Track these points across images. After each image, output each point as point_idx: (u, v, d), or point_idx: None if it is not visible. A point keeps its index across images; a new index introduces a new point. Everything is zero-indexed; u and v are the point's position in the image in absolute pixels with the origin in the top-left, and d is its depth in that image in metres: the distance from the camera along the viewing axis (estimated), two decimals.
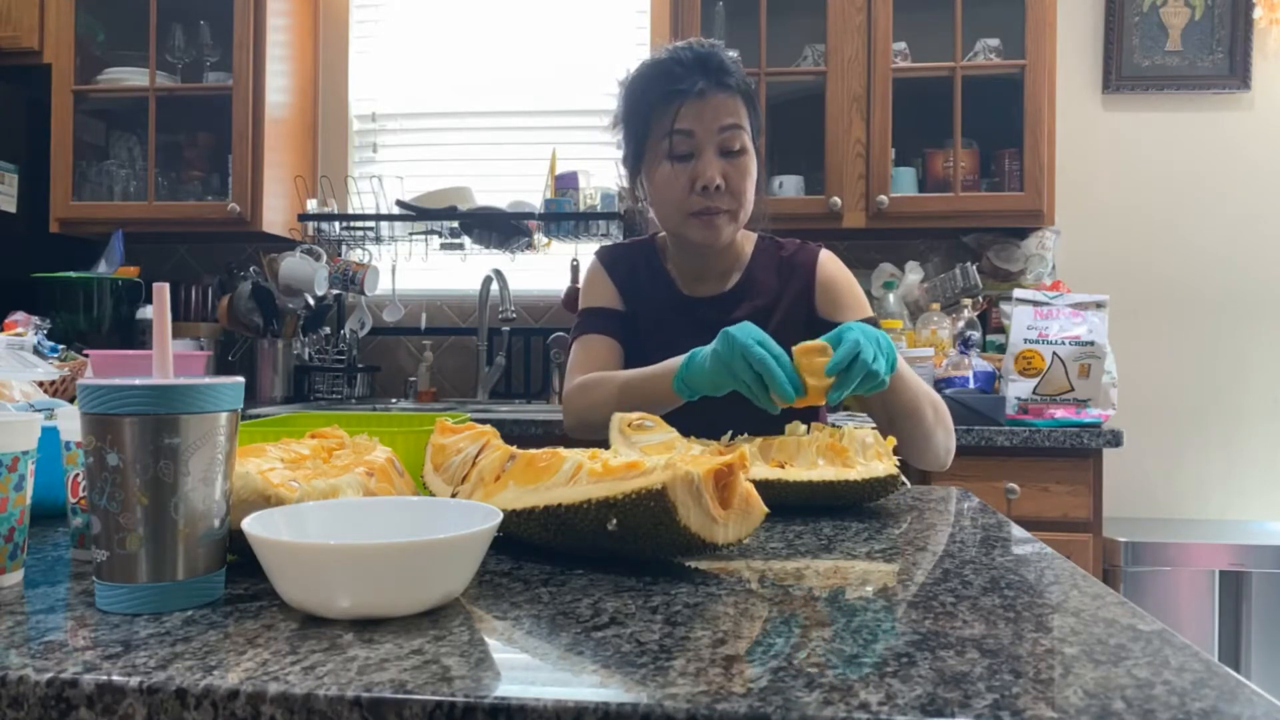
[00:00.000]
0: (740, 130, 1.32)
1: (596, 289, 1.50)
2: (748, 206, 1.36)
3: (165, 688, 0.48)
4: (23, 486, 0.69)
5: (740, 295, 1.44)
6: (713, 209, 1.33)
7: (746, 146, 1.33)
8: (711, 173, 1.30)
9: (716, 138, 1.31)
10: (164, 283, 0.69)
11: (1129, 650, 0.55)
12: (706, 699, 0.46)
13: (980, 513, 1.04)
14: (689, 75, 1.30)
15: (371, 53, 3.14)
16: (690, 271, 1.46)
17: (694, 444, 1.01)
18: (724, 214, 1.34)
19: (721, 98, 1.31)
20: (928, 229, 2.69)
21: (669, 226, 1.40)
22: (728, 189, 1.32)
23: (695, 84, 1.30)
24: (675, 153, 1.32)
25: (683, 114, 1.30)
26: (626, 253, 1.52)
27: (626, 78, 1.40)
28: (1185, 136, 2.82)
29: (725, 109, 1.31)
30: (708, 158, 1.31)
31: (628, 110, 1.38)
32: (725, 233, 1.35)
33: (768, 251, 1.47)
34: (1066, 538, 2.14)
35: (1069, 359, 2.23)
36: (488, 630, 0.58)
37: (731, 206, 1.34)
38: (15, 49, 2.78)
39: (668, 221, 1.39)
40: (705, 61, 1.32)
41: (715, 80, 1.31)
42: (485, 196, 2.84)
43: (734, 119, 1.32)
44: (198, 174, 2.95)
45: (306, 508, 0.69)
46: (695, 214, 1.33)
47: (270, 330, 2.83)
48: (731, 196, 1.33)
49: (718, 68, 1.32)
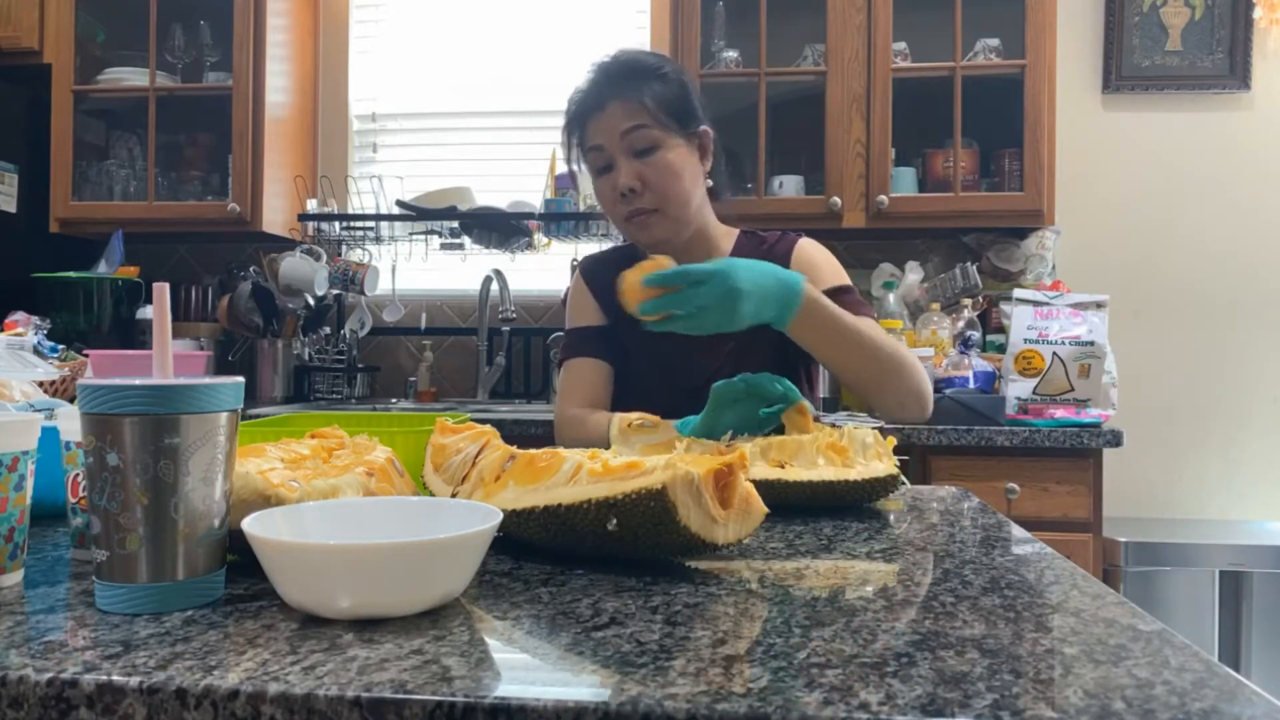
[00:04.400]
0: (644, 129, 1.33)
1: (579, 306, 1.52)
2: (679, 199, 1.36)
3: (165, 688, 0.48)
4: (23, 486, 0.69)
5: None
6: (638, 211, 1.35)
7: (658, 142, 1.34)
8: (623, 179, 1.34)
9: (622, 144, 1.34)
10: (164, 283, 0.69)
11: (1129, 650, 0.55)
12: (706, 699, 0.46)
13: (980, 513, 1.04)
14: (594, 90, 1.36)
15: (371, 53, 3.14)
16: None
17: (694, 444, 1.01)
18: (651, 213, 1.36)
19: (620, 104, 1.33)
20: (928, 229, 2.69)
21: (621, 233, 1.45)
22: (647, 188, 1.34)
23: (597, 98, 1.35)
24: (596, 167, 1.38)
25: (590, 131, 1.36)
26: (607, 262, 1.53)
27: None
28: (1185, 136, 2.82)
29: (624, 114, 1.33)
30: (620, 164, 1.35)
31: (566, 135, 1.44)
32: (658, 230, 1.37)
33: (748, 246, 1.47)
34: (1066, 538, 2.14)
35: (1069, 359, 2.23)
36: (488, 630, 0.58)
37: (656, 204, 1.35)
38: (15, 49, 2.78)
39: (618, 229, 1.44)
40: (608, 72, 1.36)
41: (613, 89, 1.34)
42: (485, 196, 2.84)
43: (634, 121, 1.33)
44: (198, 174, 2.95)
45: (306, 508, 0.69)
46: (626, 220, 1.37)
47: (270, 330, 2.83)
48: (653, 194, 1.35)
49: (618, 74, 1.35)
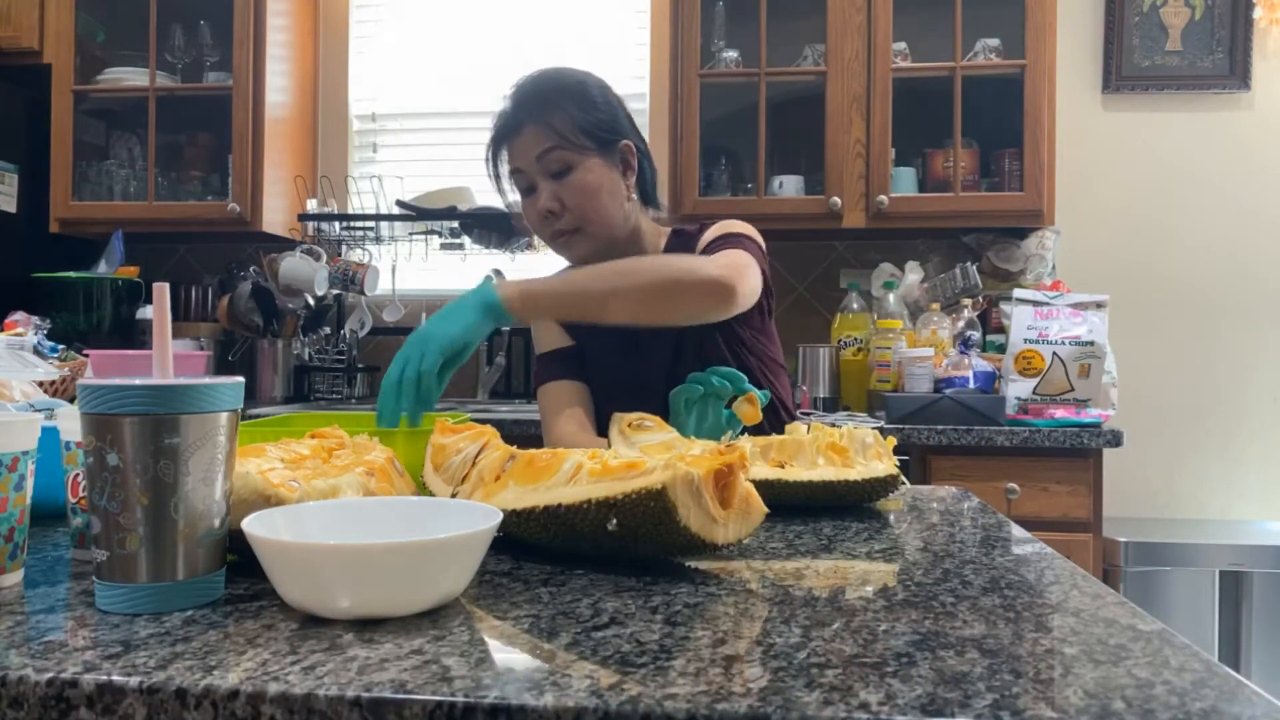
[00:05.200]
0: (558, 150, 1.35)
1: (544, 332, 1.55)
2: (598, 217, 1.38)
3: (165, 688, 0.48)
4: (23, 486, 0.69)
5: None
6: (559, 231, 1.38)
7: (572, 164, 1.36)
8: (542, 203, 1.37)
9: (538, 167, 1.36)
10: (164, 283, 0.69)
11: (1129, 650, 0.55)
12: (706, 699, 0.46)
13: (980, 513, 1.04)
14: (510, 114, 1.38)
15: (371, 53, 3.14)
16: None
17: (694, 444, 1.01)
18: (572, 233, 1.39)
19: (533, 129, 1.35)
20: (928, 229, 2.69)
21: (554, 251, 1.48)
22: (566, 209, 1.37)
23: (513, 122, 1.37)
24: (520, 189, 1.40)
25: (510, 154, 1.39)
26: None
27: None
28: (1185, 136, 2.82)
29: (536, 139, 1.35)
30: (540, 188, 1.37)
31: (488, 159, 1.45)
32: (582, 248, 1.40)
33: (677, 244, 1.49)
34: (1066, 538, 2.14)
35: (1069, 359, 2.23)
36: (488, 630, 0.58)
37: (575, 224, 1.38)
38: (15, 49, 2.77)
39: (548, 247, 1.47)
40: (521, 97, 1.38)
41: (527, 113, 1.36)
42: (485, 196, 2.83)
43: (546, 144, 1.35)
44: (198, 174, 2.95)
45: (306, 508, 0.69)
46: (552, 239, 1.41)
47: (270, 330, 2.83)
48: (572, 215, 1.37)
49: (530, 99, 1.37)
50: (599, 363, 1.50)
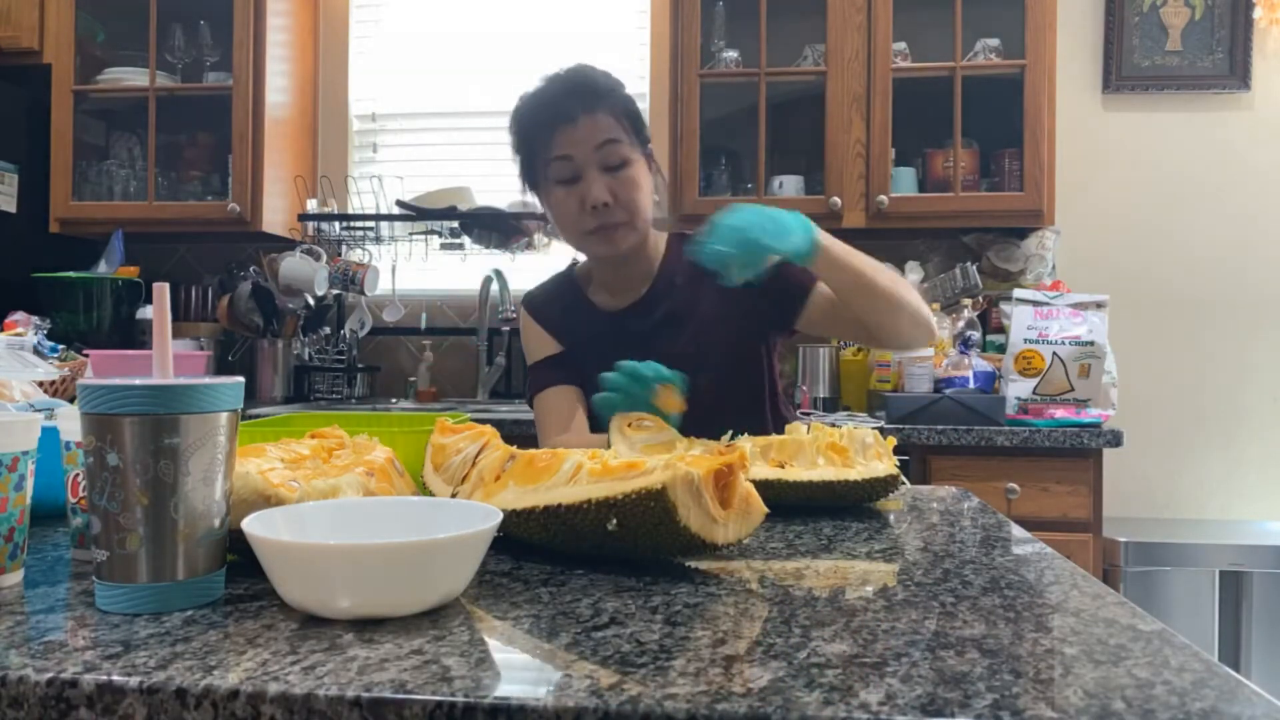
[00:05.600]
0: (617, 144, 1.36)
1: (533, 341, 1.54)
2: (643, 214, 1.40)
3: (165, 688, 0.48)
4: (23, 486, 0.69)
5: (656, 299, 1.47)
6: (607, 224, 1.37)
7: (629, 158, 1.37)
8: (597, 191, 1.35)
9: (595, 156, 1.35)
10: (164, 283, 0.69)
11: (1129, 650, 0.55)
12: (706, 699, 0.46)
13: (980, 513, 1.04)
14: (562, 101, 1.37)
15: (371, 53, 3.14)
16: (608, 284, 1.50)
17: (694, 444, 1.01)
18: (620, 226, 1.38)
19: (593, 118, 1.35)
20: (928, 229, 2.69)
21: (572, 244, 1.46)
22: (617, 203, 1.36)
23: (568, 110, 1.35)
24: (559, 177, 1.37)
25: (559, 141, 1.36)
26: (551, 294, 1.57)
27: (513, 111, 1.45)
28: (1185, 136, 2.82)
29: (599, 128, 1.35)
30: (591, 177, 1.35)
31: (515, 141, 1.45)
32: (625, 243, 1.40)
33: (680, 249, 1.49)
34: (1066, 538, 2.14)
35: (1069, 359, 2.22)
36: (488, 630, 0.58)
37: (625, 218, 1.37)
38: (15, 49, 2.77)
39: (571, 242, 1.45)
40: (574, 85, 1.38)
41: (585, 103, 1.35)
42: (485, 196, 2.84)
43: (609, 135, 1.35)
44: (198, 174, 2.95)
45: (306, 508, 0.69)
46: (591, 232, 1.38)
47: (270, 330, 2.83)
48: (622, 208, 1.37)
49: (587, 90, 1.37)
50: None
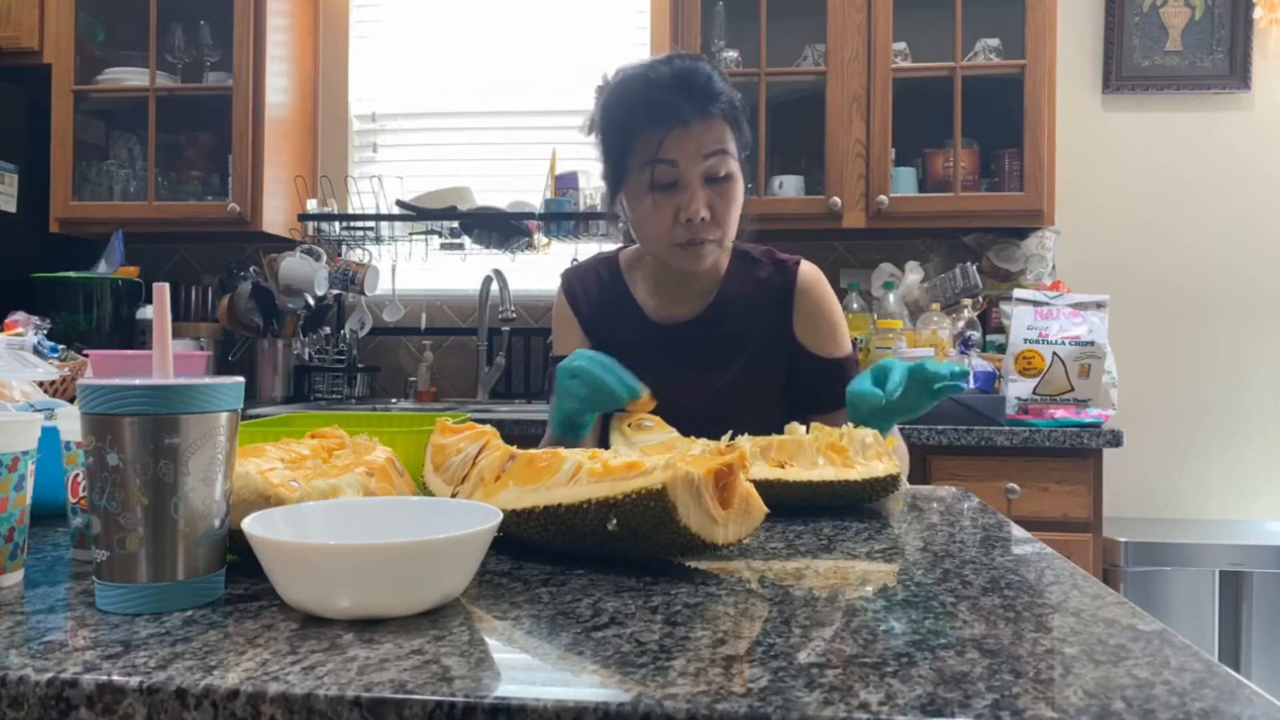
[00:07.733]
0: (726, 156, 1.26)
1: (561, 327, 1.46)
2: (733, 232, 1.32)
3: (165, 688, 0.48)
4: (23, 486, 0.69)
5: (714, 318, 1.39)
6: (698, 239, 1.28)
7: (733, 172, 1.27)
8: (697, 206, 1.25)
9: (701, 165, 1.25)
10: (164, 283, 0.69)
11: (1129, 650, 0.55)
12: (706, 699, 0.46)
13: (980, 513, 1.04)
14: (673, 100, 1.23)
15: (371, 53, 3.14)
16: (665, 293, 1.41)
17: (694, 444, 1.01)
18: (709, 243, 1.29)
19: (706, 123, 1.24)
20: (928, 229, 2.69)
21: (652, 252, 1.36)
22: (713, 219, 1.27)
23: (680, 111, 1.22)
24: (658, 183, 1.26)
25: (667, 144, 1.23)
26: (589, 277, 1.46)
27: (605, 87, 1.32)
28: (1185, 136, 2.82)
29: (710, 136, 1.24)
30: (693, 189, 1.25)
31: (607, 128, 1.31)
32: (710, 260, 1.32)
33: (742, 270, 1.41)
34: (1066, 538, 2.14)
35: (1069, 359, 2.22)
36: (488, 630, 0.58)
37: (717, 235, 1.29)
38: (15, 49, 2.77)
39: (651, 248, 1.35)
40: (689, 83, 1.23)
41: (700, 105, 1.23)
42: (485, 196, 2.84)
43: (719, 145, 1.25)
44: (198, 174, 2.95)
45: (306, 508, 0.69)
46: (680, 244, 1.29)
47: (270, 330, 2.83)
48: (717, 225, 1.28)
49: (702, 90, 1.24)
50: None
